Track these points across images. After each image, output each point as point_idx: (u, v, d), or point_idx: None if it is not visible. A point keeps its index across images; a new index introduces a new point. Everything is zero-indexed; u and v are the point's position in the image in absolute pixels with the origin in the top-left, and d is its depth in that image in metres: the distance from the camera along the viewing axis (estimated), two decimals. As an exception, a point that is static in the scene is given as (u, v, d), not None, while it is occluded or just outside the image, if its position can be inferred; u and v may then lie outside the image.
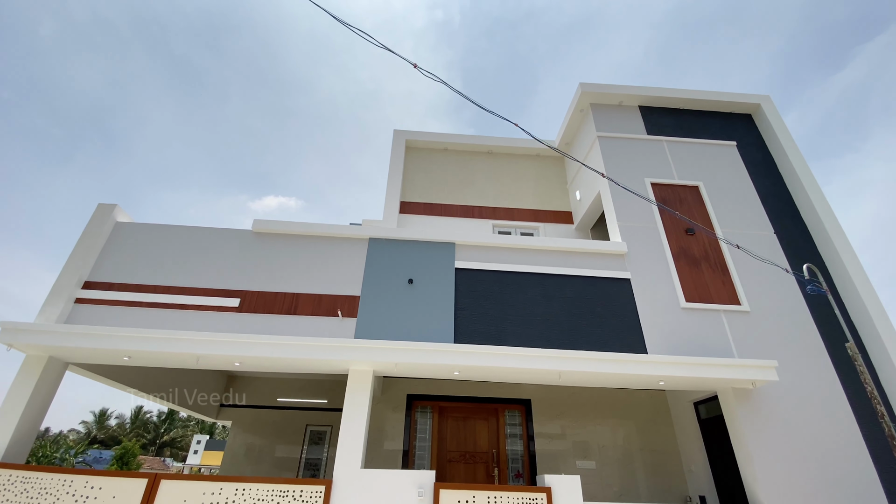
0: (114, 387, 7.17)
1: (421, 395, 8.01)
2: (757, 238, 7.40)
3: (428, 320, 6.24)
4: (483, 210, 9.67)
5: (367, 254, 6.69)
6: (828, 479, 5.48)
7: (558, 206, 9.93)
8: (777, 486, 5.35)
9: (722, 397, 6.11)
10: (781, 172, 8.39)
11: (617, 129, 8.70)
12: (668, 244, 7.22)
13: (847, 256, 7.11)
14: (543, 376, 5.84)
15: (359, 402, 5.39)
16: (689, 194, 7.86)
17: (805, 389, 6.08)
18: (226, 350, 5.23)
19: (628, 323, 6.44)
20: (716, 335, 6.41)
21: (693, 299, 6.72)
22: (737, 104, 9.17)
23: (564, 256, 6.97)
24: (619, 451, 7.71)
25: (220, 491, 4.75)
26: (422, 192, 9.73)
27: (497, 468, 7.38)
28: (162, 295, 6.16)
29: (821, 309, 6.75)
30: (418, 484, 4.87)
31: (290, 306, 6.16)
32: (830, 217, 7.54)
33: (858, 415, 5.96)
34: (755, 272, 7.00)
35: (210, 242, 6.64)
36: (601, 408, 8.06)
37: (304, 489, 4.82)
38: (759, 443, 5.61)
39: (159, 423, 49.55)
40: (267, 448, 9.17)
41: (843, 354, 6.36)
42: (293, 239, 6.76)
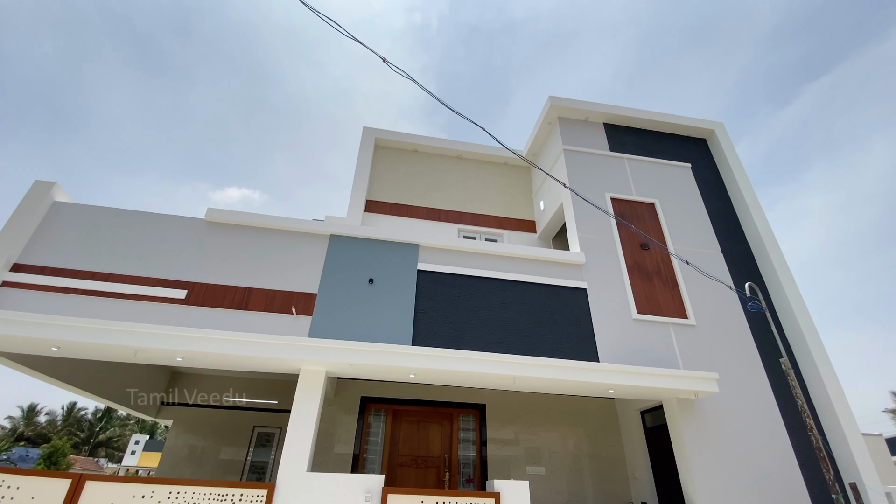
0: (43, 380, 6.60)
1: (375, 397, 7.87)
2: (705, 256, 7.80)
3: (387, 322, 6.15)
4: (449, 214, 9.68)
5: (327, 251, 6.53)
6: (759, 487, 5.80)
7: (523, 215, 10.10)
8: (713, 494, 5.61)
9: (667, 407, 6.36)
10: (730, 195, 8.90)
11: (582, 144, 8.95)
12: (623, 257, 7.48)
13: (785, 278, 7.60)
14: (499, 381, 5.88)
15: (309, 403, 5.22)
16: (646, 211, 8.19)
17: (742, 401, 6.43)
18: (167, 344, 4.93)
19: (582, 331, 6.60)
20: (663, 347, 6.68)
21: (644, 311, 6.98)
22: (694, 128, 9.66)
23: (526, 264, 7.07)
24: (568, 458, 7.87)
25: (152, 494, 4.46)
26: (388, 192, 9.63)
27: (448, 473, 7.35)
28: (100, 282, 5.76)
29: (759, 325, 7.18)
30: (366, 488, 4.76)
31: (241, 301, 5.91)
32: (772, 240, 8.05)
33: (789, 427, 6.37)
34: (702, 288, 7.37)
35: (158, 229, 6.27)
36: (553, 414, 8.21)
37: (245, 493, 4.61)
38: (698, 451, 5.87)
39: (94, 421, 46.32)
40: (211, 450, 8.72)
41: (777, 369, 6.78)
42: (249, 231, 6.50)
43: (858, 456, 6.07)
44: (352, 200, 8.67)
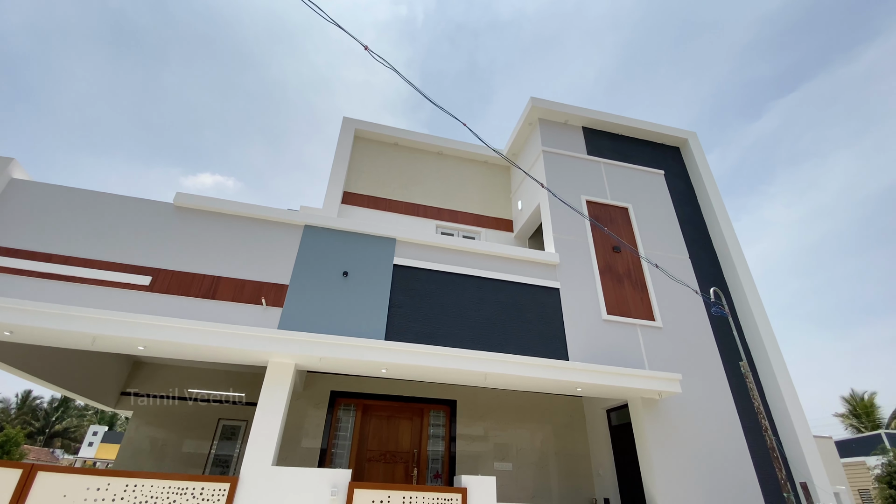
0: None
1: (345, 392, 7.80)
2: (674, 261, 8.04)
3: (360, 316, 6.09)
4: (428, 210, 9.66)
5: (300, 241, 6.41)
6: (716, 484, 6.04)
7: (501, 214, 10.17)
8: (672, 490, 5.81)
9: (632, 406, 6.55)
10: (700, 203, 9.20)
11: (560, 146, 9.07)
12: (596, 259, 7.63)
13: (747, 285, 7.91)
14: (470, 377, 5.91)
15: (276, 396, 5.12)
16: (619, 215, 8.38)
17: (702, 402, 6.67)
18: (128, 332, 4.74)
19: (553, 330, 6.71)
20: (631, 347, 6.86)
21: (614, 312, 7.14)
22: (668, 136, 9.92)
23: (502, 262, 7.13)
24: (535, 454, 8.00)
25: (108, 487, 4.30)
26: (367, 185, 9.52)
27: (417, 468, 7.36)
28: (58, 265, 5.49)
29: (721, 330, 7.46)
30: (332, 483, 4.72)
31: (208, 290, 5.74)
32: (737, 248, 8.37)
33: (746, 427, 6.65)
34: (669, 292, 7.60)
35: (123, 212, 6.02)
36: (522, 411, 8.33)
37: (206, 486, 4.49)
38: (659, 449, 6.06)
39: (51, 410, 44.34)
40: (173, 442, 8.46)
41: (736, 372, 7.07)
42: (220, 218, 6.31)
43: (809, 457, 6.39)
44: (328, 191, 8.53)
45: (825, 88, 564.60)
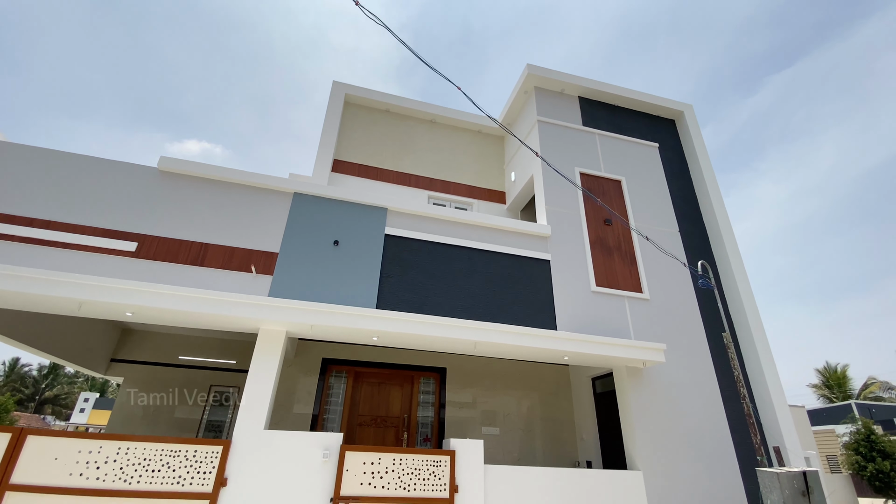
0: None
1: (337, 359, 7.89)
2: (664, 234, 8.10)
3: (351, 284, 6.08)
4: (420, 180, 9.53)
5: (290, 209, 6.30)
6: (693, 448, 6.31)
7: (493, 185, 10.08)
8: (650, 453, 6.06)
9: (616, 374, 6.73)
10: (692, 177, 9.20)
11: (556, 116, 8.92)
12: (587, 232, 7.65)
13: (734, 259, 8.04)
14: (460, 346, 5.99)
15: (267, 362, 5.14)
16: (612, 187, 8.36)
17: (685, 371, 6.88)
18: (115, 298, 4.66)
19: (543, 301, 6.79)
20: (618, 318, 6.99)
21: (602, 284, 7.23)
22: (664, 108, 9.80)
23: (494, 234, 7.11)
24: (522, 420, 8.26)
25: (100, 450, 4.33)
26: (357, 153, 9.33)
27: (407, 433, 7.55)
28: (40, 230, 5.34)
29: (707, 302, 7.62)
30: (324, 446, 4.82)
31: (196, 257, 5.65)
32: (726, 223, 8.44)
33: (724, 395, 6.90)
34: (658, 265, 7.70)
35: (106, 177, 5.83)
36: (510, 379, 8.53)
37: (199, 449, 4.55)
38: (641, 415, 6.28)
39: (40, 378, 44.35)
40: (165, 408, 8.53)
41: (719, 343, 7.27)
42: (206, 184, 6.15)
43: (783, 424, 6.68)
44: (318, 158, 8.34)
45: (821, 64, 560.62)
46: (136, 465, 4.34)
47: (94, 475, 4.22)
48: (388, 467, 4.84)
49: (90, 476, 4.20)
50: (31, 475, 4.10)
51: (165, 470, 4.38)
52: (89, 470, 4.22)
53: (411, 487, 4.80)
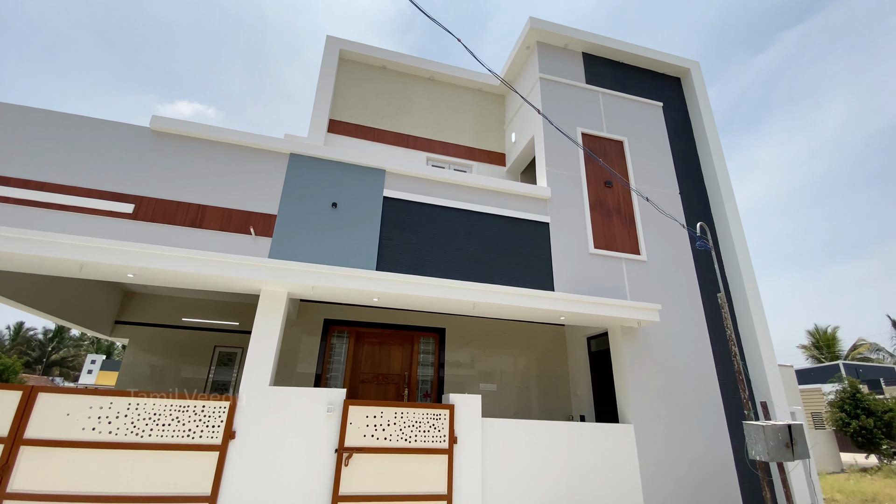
0: None
1: (338, 320, 8.02)
2: (664, 195, 8.05)
3: (351, 247, 6.08)
4: (418, 141, 9.34)
5: (286, 170, 6.21)
6: (683, 403, 6.55)
7: (493, 147, 9.91)
8: (642, 408, 6.30)
9: (611, 333, 6.88)
10: (695, 138, 9.04)
11: (559, 73, 8.64)
12: (587, 194, 7.60)
13: (733, 221, 8.03)
14: (459, 306, 6.09)
15: (270, 322, 5.23)
16: (614, 148, 8.22)
17: (678, 330, 7.03)
18: (116, 259, 4.67)
19: (541, 263, 6.84)
20: (614, 280, 7.06)
21: (601, 246, 7.26)
22: (670, 66, 9.49)
23: (494, 196, 7.06)
24: (518, 378, 8.52)
25: (111, 405, 4.47)
26: (354, 113, 9.09)
27: (407, 389, 7.80)
28: (35, 192, 5.27)
29: (704, 264, 7.69)
30: (328, 401, 4.98)
31: (194, 219, 5.62)
32: (727, 185, 8.37)
33: (716, 354, 7.08)
34: (656, 227, 7.70)
35: (98, 137, 5.70)
36: (507, 339, 8.73)
37: (207, 405, 4.70)
38: (634, 372, 6.48)
39: (46, 341, 45.19)
40: (171, 368, 8.77)
41: (713, 303, 7.39)
42: (201, 144, 6.03)
43: (772, 381, 6.90)
44: (313, 118, 8.13)
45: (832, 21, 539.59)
46: (147, 419, 4.49)
47: (107, 429, 4.37)
48: (390, 420, 5.03)
49: (102, 430, 4.36)
50: (45, 430, 4.24)
51: (175, 424, 4.54)
52: (101, 424, 4.37)
53: (412, 439, 5.01)
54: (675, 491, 5.94)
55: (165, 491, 4.30)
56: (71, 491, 4.12)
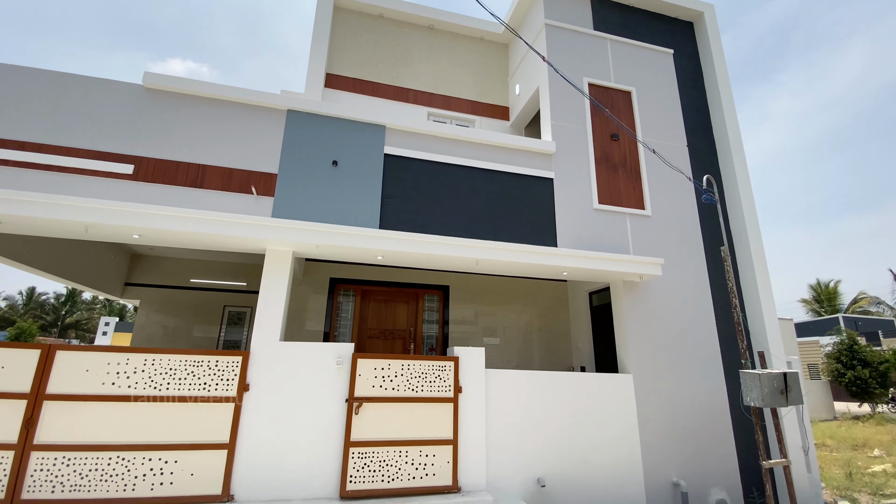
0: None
1: (344, 278, 8.13)
2: (671, 148, 7.87)
3: (353, 205, 6.06)
4: (419, 95, 9.06)
5: (285, 128, 6.08)
6: (682, 354, 6.71)
7: (497, 100, 9.60)
8: (641, 359, 6.47)
9: (613, 288, 6.96)
10: (706, 87, 8.71)
11: (565, 19, 8.22)
12: (592, 148, 7.43)
13: (741, 175, 7.89)
14: (463, 264, 6.13)
15: (277, 281, 5.31)
16: (621, 99, 7.96)
17: (680, 283, 7.09)
18: (121, 220, 4.69)
19: (544, 220, 6.81)
20: (618, 235, 7.05)
21: (605, 202, 7.19)
22: (682, 9, 8.99)
23: (497, 152, 6.92)
24: (521, 332, 8.73)
25: (128, 361, 4.63)
26: (351, 66, 8.77)
27: (413, 344, 8.03)
28: (33, 154, 5.21)
29: (708, 217, 7.63)
30: (337, 354, 5.14)
31: (195, 179, 5.58)
32: (737, 137, 8.15)
33: (717, 307, 7.17)
34: (662, 181, 7.59)
35: (91, 96, 5.55)
36: (510, 295, 8.86)
37: (220, 360, 4.87)
38: (634, 324, 6.60)
39: (58, 305, 46.30)
40: (183, 328, 9.01)
41: (716, 256, 7.40)
42: (196, 101, 5.88)
43: (771, 333, 7.01)
44: (310, 72, 7.86)
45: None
46: (164, 374, 4.67)
47: (125, 384, 4.55)
48: (397, 372, 5.21)
49: (122, 385, 4.54)
50: (66, 386, 4.41)
51: (191, 378, 4.72)
52: (120, 379, 4.55)
53: (419, 389, 5.21)
54: (670, 435, 6.22)
55: (187, 439, 4.54)
56: (96, 441, 4.35)
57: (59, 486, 4.16)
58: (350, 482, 4.72)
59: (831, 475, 7.89)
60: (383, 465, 4.87)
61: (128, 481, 4.30)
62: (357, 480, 4.75)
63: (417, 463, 4.97)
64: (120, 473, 4.31)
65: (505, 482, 5.32)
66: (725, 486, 6.25)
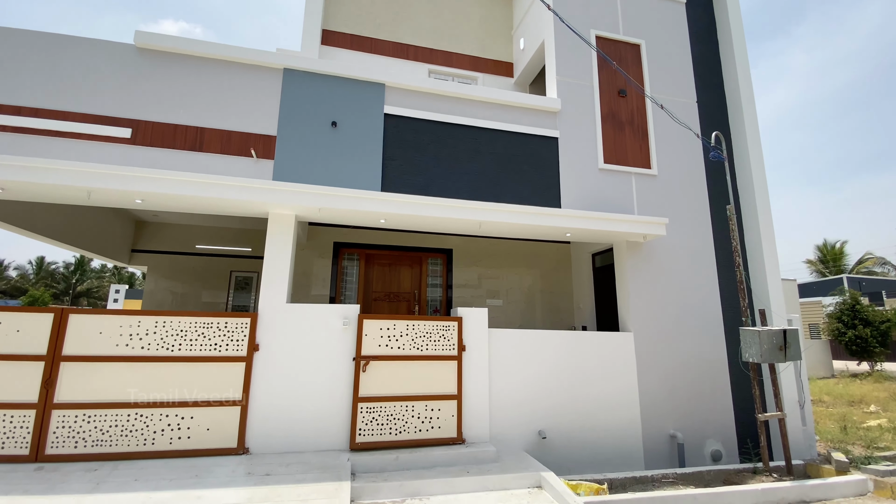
0: (8, 230, 6.33)
1: (348, 243, 8.17)
2: (680, 104, 7.63)
3: (354, 168, 5.99)
4: (419, 51, 8.74)
5: (282, 88, 5.93)
6: (683, 313, 6.78)
7: (500, 56, 9.26)
8: (642, 317, 6.55)
9: (616, 248, 6.95)
10: (719, 39, 8.34)
11: (571, -33, 7.77)
12: (599, 105, 7.22)
13: (751, 132, 7.67)
14: (466, 226, 6.12)
15: (281, 244, 5.34)
16: (630, 53, 7.65)
17: (683, 243, 7.07)
18: (123, 185, 4.66)
19: (549, 180, 6.72)
20: (623, 195, 6.97)
21: (611, 161, 7.06)
22: (698, -47, 8.47)
23: (501, 110, 6.75)
24: (523, 294, 8.82)
25: (139, 324, 4.74)
26: (348, 21, 8.42)
27: (418, 305, 8.15)
28: (30, 118, 5.14)
29: (715, 176, 7.49)
30: (343, 315, 5.24)
31: (194, 142, 5.50)
32: (748, 93, 7.87)
33: (720, 266, 7.17)
34: (670, 139, 7.41)
35: (83, 58, 5.40)
36: (513, 258, 8.90)
37: (230, 321, 4.97)
38: (636, 284, 6.64)
39: (68, 273, 47.04)
40: (192, 294, 9.17)
41: (721, 215, 7.33)
42: (190, 62, 5.71)
43: (773, 292, 7.03)
44: (305, 28, 7.57)
45: None
46: (175, 335, 4.79)
47: (139, 345, 4.68)
48: (403, 332, 5.32)
49: (135, 346, 4.67)
50: (81, 348, 4.54)
51: (202, 339, 4.85)
52: (133, 341, 4.68)
53: (424, 347, 5.33)
54: (669, 391, 6.38)
55: (201, 397, 4.72)
56: (113, 399, 4.52)
57: (81, 441, 4.37)
58: (359, 435, 4.92)
59: (826, 429, 8.13)
60: (391, 419, 5.07)
61: (147, 436, 4.51)
62: (366, 433, 4.95)
63: (423, 417, 5.16)
64: (139, 429, 4.51)
65: (507, 434, 5.53)
66: (721, 439, 6.48)
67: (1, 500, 3.42)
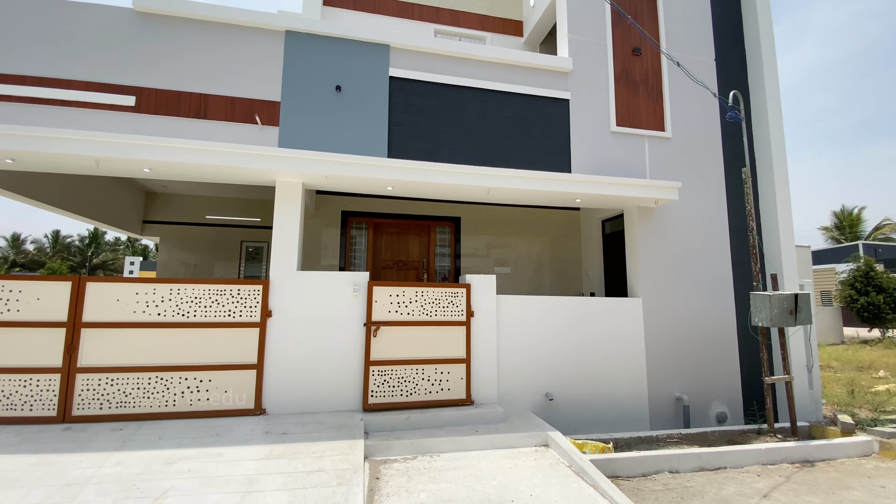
0: (24, 202, 6.43)
1: (356, 211, 8.16)
2: (698, 62, 7.31)
3: (359, 134, 5.90)
4: (423, 10, 8.41)
5: (284, 51, 5.77)
6: (693, 278, 6.73)
7: (509, 14, 8.88)
8: (652, 283, 6.52)
9: (627, 214, 6.85)
10: (741, -8, 7.87)
11: (585, -86, 7.31)
12: (612, 64, 6.94)
13: (771, 91, 7.36)
14: (474, 192, 6.05)
15: (289, 212, 5.35)
16: (646, 7, 7.27)
17: (695, 207, 6.93)
18: (130, 153, 4.66)
19: (559, 144, 6.57)
20: (635, 158, 6.80)
21: (623, 124, 6.86)
22: None
23: (510, 71, 6.53)
24: (532, 261, 8.82)
25: (154, 291, 4.85)
26: (351, -21, 8.10)
27: (426, 273, 8.21)
28: (33, 87, 5.09)
29: (732, 138, 7.26)
30: (353, 283, 5.30)
31: (198, 109, 5.43)
32: (770, 50, 7.49)
33: (732, 231, 7.06)
34: (685, 99, 7.15)
35: (80, 23, 5.28)
36: (521, 226, 8.84)
37: (242, 288, 5.06)
38: (646, 250, 6.58)
39: (83, 247, 47.94)
40: (204, 265, 9.31)
41: (736, 179, 7.15)
42: (190, 25, 5.56)
43: (786, 258, 6.92)
44: (307, -11, 7.31)
45: None
46: (190, 302, 4.90)
47: (155, 311, 4.81)
48: (412, 298, 5.37)
49: (151, 313, 4.80)
50: (100, 314, 4.69)
51: (216, 306, 4.96)
52: (149, 308, 4.80)
53: (433, 314, 5.40)
54: (676, 355, 6.43)
55: (218, 360, 4.87)
56: (133, 363, 4.69)
57: (105, 403, 4.57)
58: (371, 396, 5.07)
59: (833, 393, 8.19)
60: (402, 382, 5.20)
61: (168, 398, 4.69)
62: (378, 395, 5.10)
63: (433, 379, 5.29)
64: (160, 391, 4.69)
65: (515, 396, 5.66)
66: (727, 401, 6.56)
67: (34, 457, 3.62)
